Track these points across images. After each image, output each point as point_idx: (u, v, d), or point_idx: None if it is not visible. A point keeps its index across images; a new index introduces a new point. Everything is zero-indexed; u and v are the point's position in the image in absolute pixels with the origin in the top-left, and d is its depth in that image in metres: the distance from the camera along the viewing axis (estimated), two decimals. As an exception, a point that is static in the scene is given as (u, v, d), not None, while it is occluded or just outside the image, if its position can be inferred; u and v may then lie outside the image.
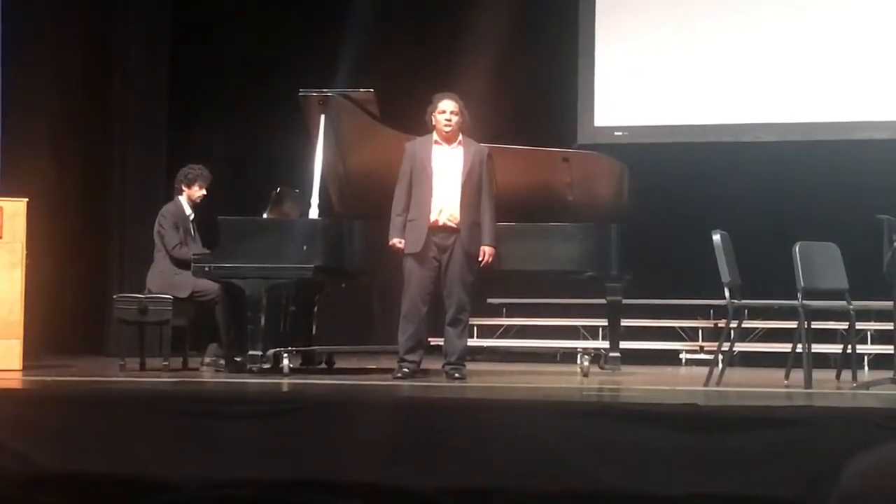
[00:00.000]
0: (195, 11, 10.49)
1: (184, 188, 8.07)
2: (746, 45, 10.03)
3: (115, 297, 8.12)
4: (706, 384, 6.84)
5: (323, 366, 8.07)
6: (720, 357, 7.35)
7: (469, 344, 7.63)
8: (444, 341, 7.06)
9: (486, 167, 7.08)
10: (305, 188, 7.58)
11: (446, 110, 6.99)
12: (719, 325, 9.18)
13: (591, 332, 9.80)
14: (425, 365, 7.11)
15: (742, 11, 10.07)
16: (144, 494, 5.12)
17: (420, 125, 7.14)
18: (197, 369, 7.77)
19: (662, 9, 10.25)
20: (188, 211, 8.06)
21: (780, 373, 7.17)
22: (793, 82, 9.95)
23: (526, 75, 10.20)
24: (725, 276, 6.86)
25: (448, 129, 6.97)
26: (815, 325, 7.24)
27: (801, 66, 9.93)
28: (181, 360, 7.89)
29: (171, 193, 8.39)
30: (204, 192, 8.07)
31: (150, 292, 7.81)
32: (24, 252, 7.38)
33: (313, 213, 7.45)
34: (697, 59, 10.13)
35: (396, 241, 6.92)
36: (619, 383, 7.37)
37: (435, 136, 7.01)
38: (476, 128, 7.50)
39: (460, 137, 7.05)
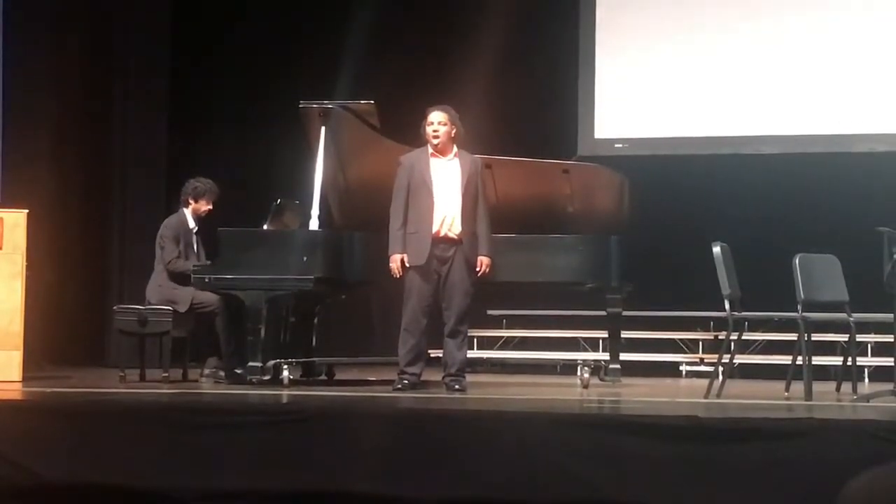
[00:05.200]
0: (196, 23, 10.50)
1: (190, 201, 8.02)
2: (746, 58, 10.04)
3: (115, 308, 8.10)
4: (706, 396, 6.84)
5: (323, 377, 8.06)
6: (720, 369, 7.34)
7: (469, 355, 7.62)
8: (444, 353, 7.05)
9: (480, 178, 7.09)
10: (306, 199, 7.57)
11: (434, 122, 6.99)
12: (719, 336, 9.19)
13: (592, 344, 9.79)
14: (425, 376, 7.10)
15: (742, 24, 10.07)
16: (144, 506, 5.13)
17: (421, 137, 7.13)
18: (197, 381, 7.76)
19: (663, 21, 10.26)
20: (192, 224, 8.03)
21: (781, 385, 7.16)
22: (793, 94, 9.96)
23: (526, 87, 10.21)
24: (725, 288, 6.86)
25: (436, 140, 6.97)
26: (816, 337, 7.24)
27: (801, 79, 9.94)
28: (181, 371, 7.88)
29: (171, 205, 8.39)
30: (210, 206, 8.04)
31: (149, 304, 7.81)
32: (25, 263, 7.38)
33: (313, 224, 7.45)
34: (698, 72, 10.14)
35: (400, 256, 6.91)
36: (620, 395, 7.37)
37: (430, 148, 7.02)
38: (476, 139, 7.51)
39: (455, 149, 7.05)
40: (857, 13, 9.90)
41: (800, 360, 6.87)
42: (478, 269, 6.97)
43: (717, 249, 6.93)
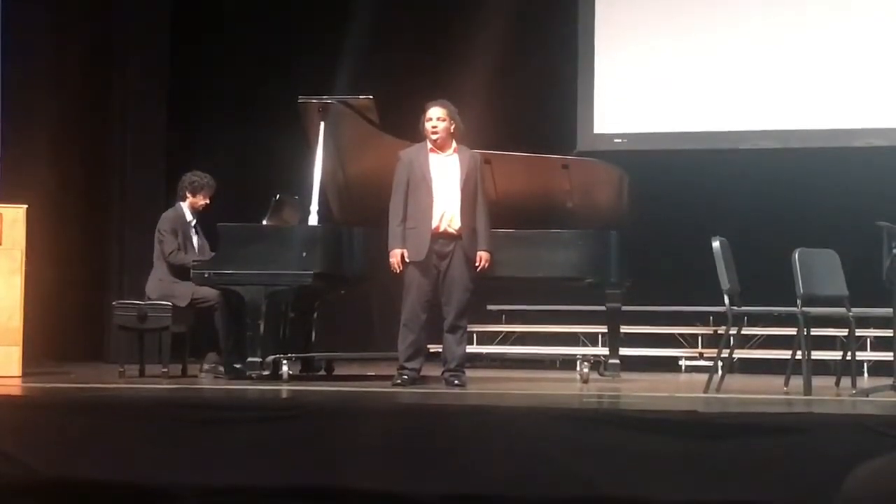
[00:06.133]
0: (195, 18, 10.50)
1: (188, 195, 8.02)
2: (745, 53, 10.04)
3: (114, 303, 8.11)
4: (706, 391, 6.84)
5: (322, 372, 8.06)
6: (720, 364, 7.34)
7: (468, 351, 7.63)
8: (443, 348, 7.06)
9: (479, 173, 7.09)
10: (305, 195, 7.57)
11: (432, 117, 6.98)
12: (719, 331, 9.18)
13: (591, 339, 9.80)
14: (424, 372, 7.10)
15: (740, 19, 10.08)
16: (143, 501, 5.13)
17: (420, 132, 7.13)
18: (196, 376, 7.76)
19: (662, 16, 10.26)
20: (189, 217, 8.03)
21: (780, 379, 7.16)
22: (792, 89, 9.96)
23: (526, 82, 10.21)
24: (725, 283, 6.86)
25: (435, 136, 6.96)
26: (815, 331, 7.24)
27: (799, 73, 9.94)
28: (180, 366, 7.88)
29: (170, 200, 8.38)
30: (207, 201, 8.04)
31: (149, 299, 7.81)
32: (24, 258, 7.38)
33: (313, 219, 7.45)
34: (696, 67, 10.14)
35: (400, 251, 6.90)
36: (619, 390, 7.37)
37: (429, 143, 7.01)
38: (476, 134, 7.50)
39: (454, 145, 7.04)
40: (855, 9, 9.90)
41: (799, 355, 6.87)
42: (477, 264, 6.97)
43: (716, 244, 6.92)
